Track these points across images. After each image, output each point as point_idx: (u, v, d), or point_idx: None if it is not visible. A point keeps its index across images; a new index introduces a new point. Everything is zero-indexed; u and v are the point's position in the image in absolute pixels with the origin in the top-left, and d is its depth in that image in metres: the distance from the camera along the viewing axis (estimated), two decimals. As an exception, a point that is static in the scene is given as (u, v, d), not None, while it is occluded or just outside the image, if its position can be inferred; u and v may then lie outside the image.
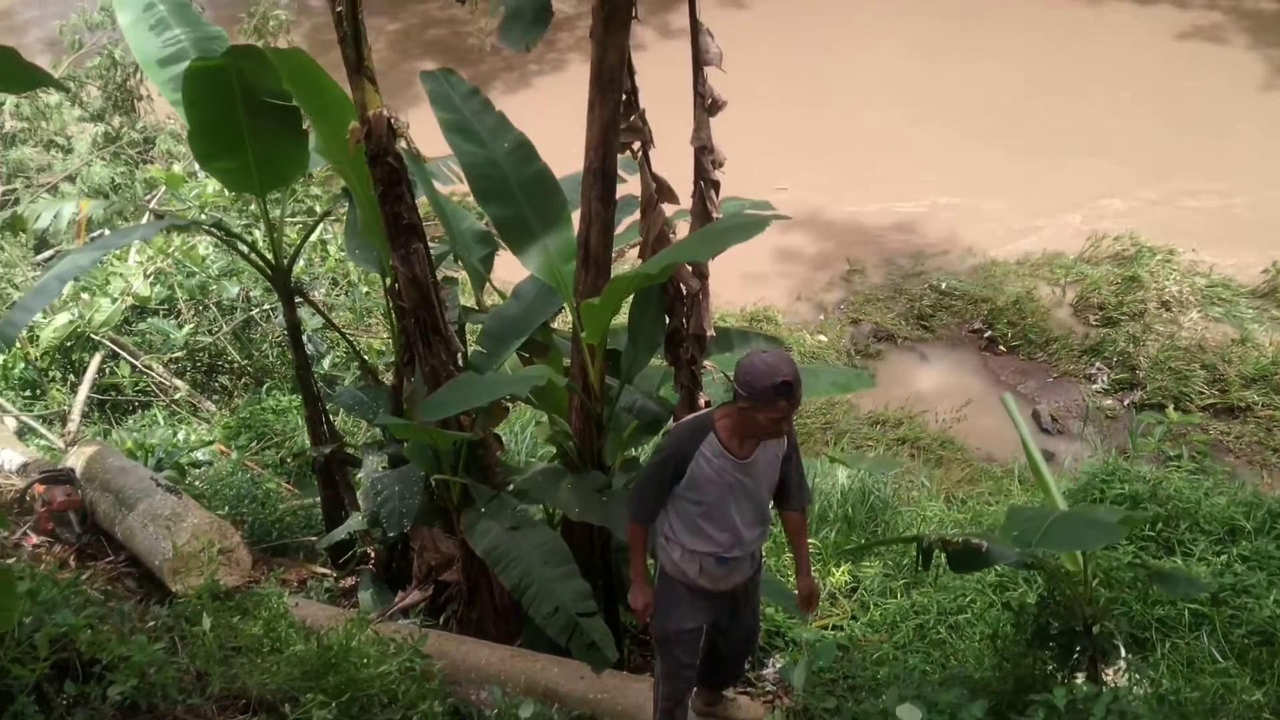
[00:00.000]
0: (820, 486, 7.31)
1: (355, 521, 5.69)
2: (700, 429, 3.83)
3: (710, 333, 4.58)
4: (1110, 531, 3.81)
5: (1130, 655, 5.38)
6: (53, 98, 10.94)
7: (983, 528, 6.99)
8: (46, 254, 9.64)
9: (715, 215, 4.37)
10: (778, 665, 5.51)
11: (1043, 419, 9.63)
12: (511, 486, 4.91)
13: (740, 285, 11.16)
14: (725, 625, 4.21)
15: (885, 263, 11.86)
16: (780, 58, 15.64)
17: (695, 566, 3.97)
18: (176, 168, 9.68)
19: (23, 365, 8.42)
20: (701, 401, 4.68)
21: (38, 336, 8.30)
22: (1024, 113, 13.94)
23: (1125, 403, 9.74)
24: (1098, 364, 10.15)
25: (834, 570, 6.56)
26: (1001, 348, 10.54)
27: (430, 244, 4.70)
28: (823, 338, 10.70)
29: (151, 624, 4.29)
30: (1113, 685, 4.66)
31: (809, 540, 6.63)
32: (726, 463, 3.79)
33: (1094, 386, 9.98)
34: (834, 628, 6.15)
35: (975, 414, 9.68)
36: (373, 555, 5.97)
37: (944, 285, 11.24)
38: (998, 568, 6.26)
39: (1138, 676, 5.07)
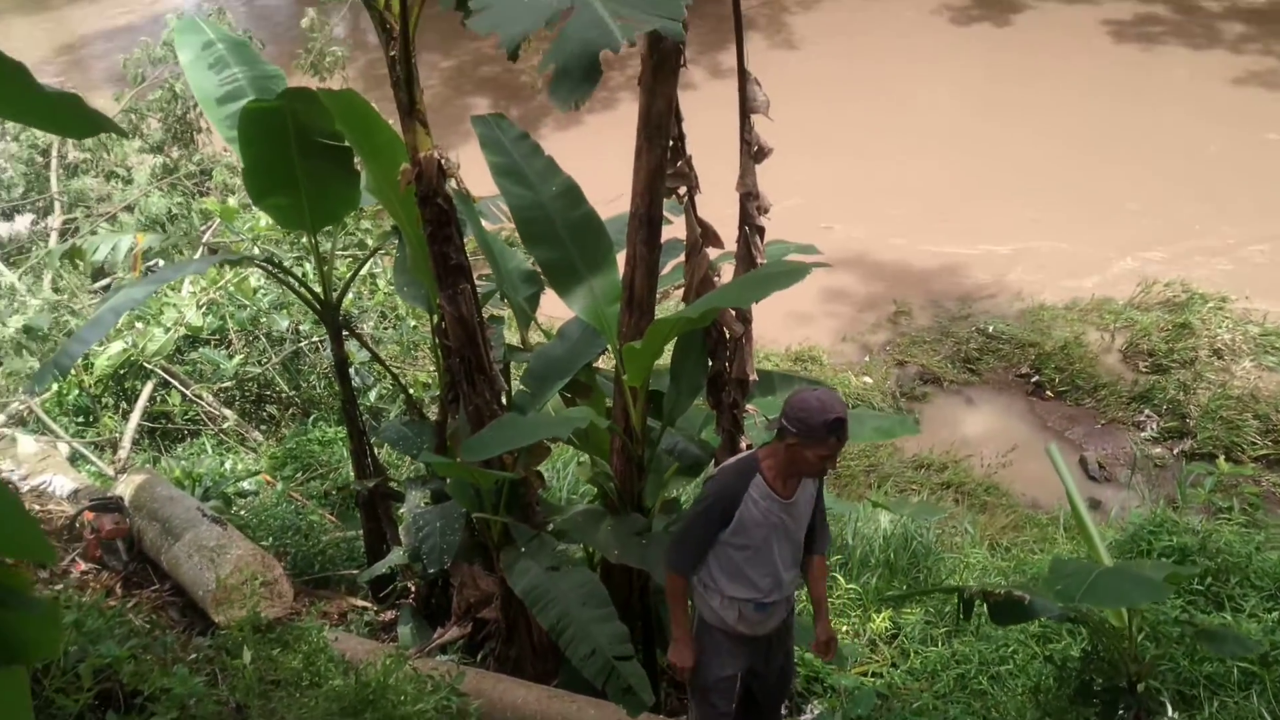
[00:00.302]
0: (863, 531, 7.26)
1: (396, 556, 5.73)
2: (746, 470, 3.84)
3: (753, 377, 4.58)
4: (1156, 588, 3.76)
5: (1177, 714, 5.28)
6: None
7: (1027, 577, 6.91)
8: (104, 282, 9.84)
9: (759, 261, 4.39)
10: (816, 712, 5.46)
11: (1090, 466, 9.50)
12: (551, 526, 4.93)
13: (786, 325, 11.15)
14: (760, 669, 4.20)
15: (932, 305, 11.80)
16: (831, 99, 15.71)
17: (734, 613, 3.98)
18: (231, 201, 9.85)
19: (77, 392, 8.58)
20: (743, 445, 4.68)
21: (92, 364, 8.45)
22: (1075, 158, 13.87)
23: (1175, 452, 9.58)
24: (1147, 411, 10.01)
25: (875, 616, 6.50)
26: (1049, 393, 10.43)
27: (477, 282, 4.75)
28: (868, 379, 10.65)
29: (193, 656, 4.33)
30: (1158, 744, 4.59)
31: (850, 585, 6.66)
32: (772, 504, 3.80)
33: (1143, 434, 9.84)
34: (873, 675, 6.09)
35: (1021, 459, 9.58)
36: (413, 590, 6.00)
37: (991, 329, 11.16)
38: (1042, 621, 6.19)
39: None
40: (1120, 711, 4.40)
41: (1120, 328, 10.96)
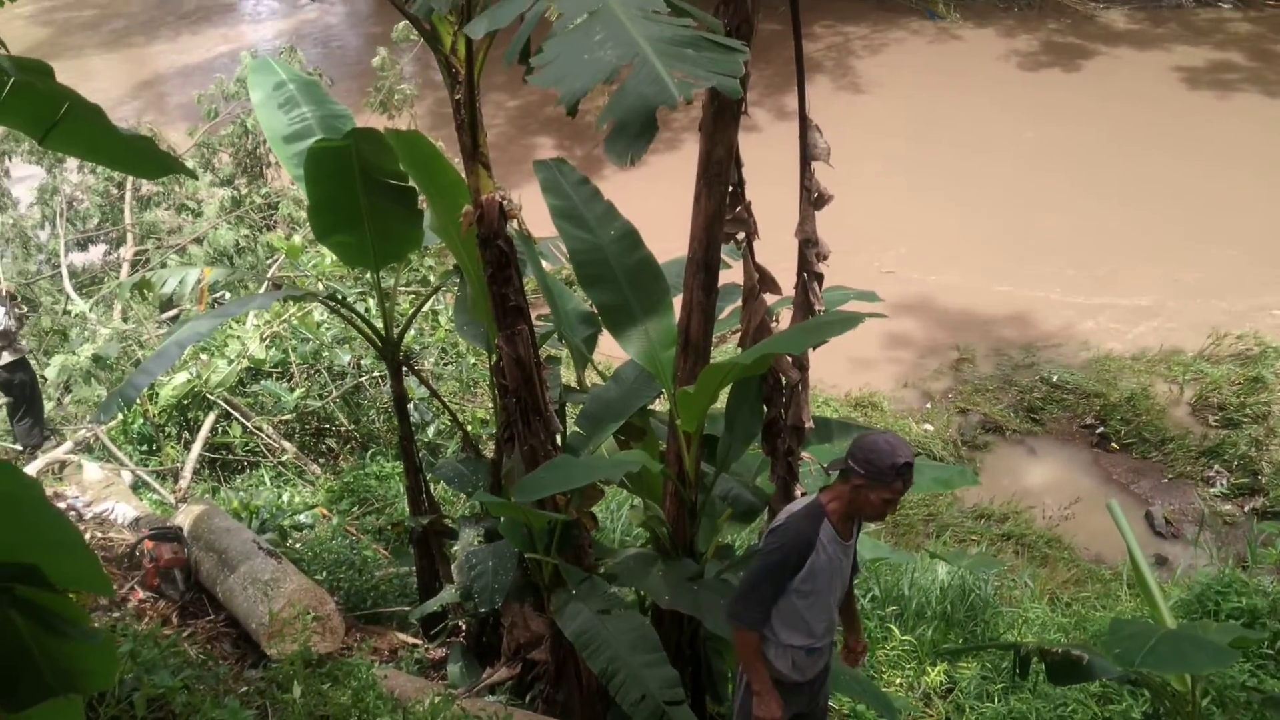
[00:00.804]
0: (919, 582, 7.15)
1: (448, 594, 5.73)
2: (816, 515, 3.82)
3: (808, 424, 4.53)
4: (1221, 654, 3.64)
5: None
6: (188, 164, 11.47)
7: (1087, 634, 6.75)
8: (171, 313, 10.04)
9: (818, 307, 4.35)
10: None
11: (1156, 521, 9.29)
12: (603, 569, 4.90)
13: (847, 370, 11.07)
14: (804, 712, 4.17)
15: (995, 352, 11.66)
16: (895, 144, 15.68)
17: (788, 662, 3.96)
18: (296, 237, 10.02)
19: (141, 421, 8.74)
20: (798, 492, 4.63)
21: (157, 394, 8.61)
22: (1143, 207, 13.70)
23: (1245, 509, 9.34)
24: (1216, 467, 9.78)
25: (929, 670, 6.39)
26: (1114, 445, 10.24)
27: (536, 322, 4.78)
28: (929, 426, 10.52)
29: (245, 688, 4.36)
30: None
31: (905, 637, 6.55)
32: (836, 547, 3.83)
33: (1212, 490, 9.61)
34: (927, 730, 5.98)
35: (1084, 513, 9.39)
36: (463, 628, 5.99)
37: (1055, 378, 10.99)
38: (1103, 684, 6.04)
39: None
40: (1183, 779, 4.27)
41: (1189, 380, 10.74)
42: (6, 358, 8.64)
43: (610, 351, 5.76)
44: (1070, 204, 13.91)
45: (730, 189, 4.21)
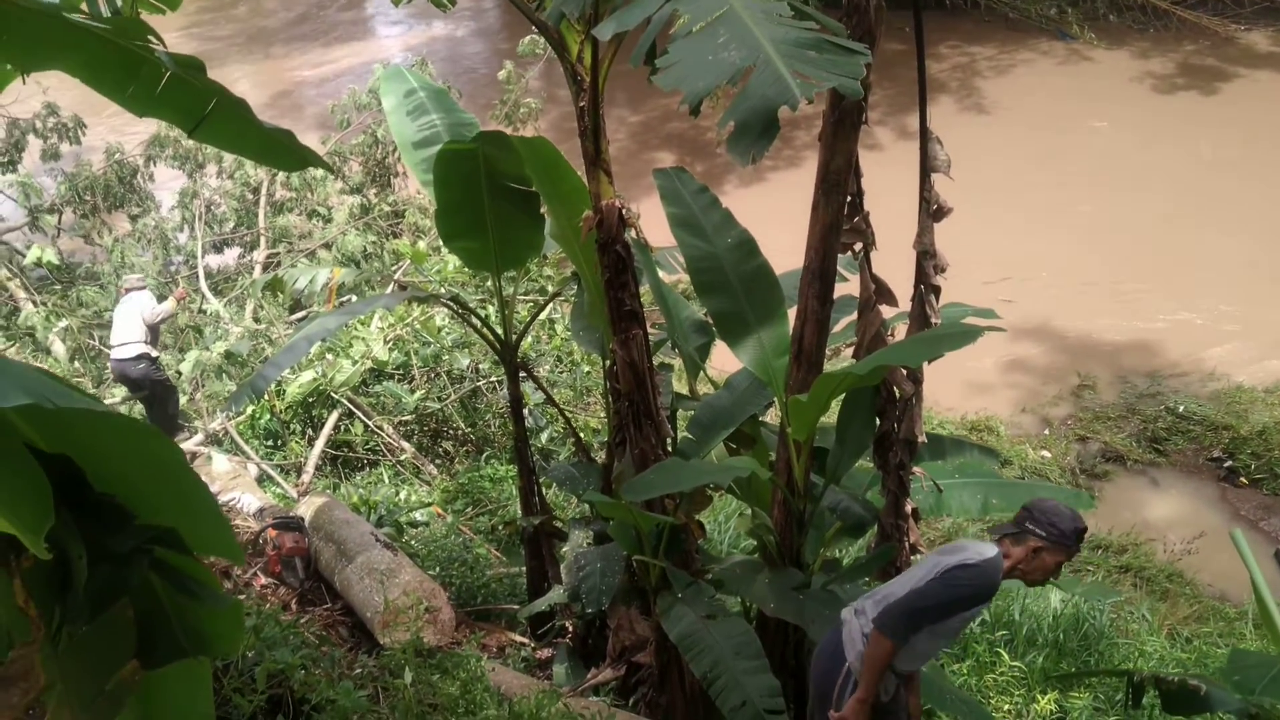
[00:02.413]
0: (1031, 608, 7.00)
1: (556, 594, 5.83)
2: (1000, 569, 3.77)
3: (921, 438, 4.50)
4: (1348, 688, 3.51)
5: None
6: (319, 171, 11.89)
7: (1207, 670, 6.53)
8: (300, 314, 10.40)
9: (934, 321, 4.33)
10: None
11: (1286, 560, 8.94)
12: (709, 575, 4.93)
13: (963, 393, 10.91)
14: None
15: (1118, 380, 11.35)
16: (1020, 166, 15.40)
17: (890, 686, 3.93)
18: (421, 244, 10.29)
19: (268, 417, 9.06)
20: (908, 508, 4.60)
21: (284, 391, 8.92)
22: (1278, 229, 13.21)
23: (1382, 551, 8.93)
24: (1352, 506, 9.37)
25: (1039, 697, 6.24)
26: (1243, 480, 9.87)
27: (650, 330, 4.84)
28: (1046, 453, 10.29)
29: (358, 672, 4.50)
30: None
31: (1014, 663, 6.42)
32: None
33: (1347, 531, 9.21)
34: (1035, 759, 5.85)
35: (1209, 548, 9.07)
36: (570, 629, 6.08)
37: (1181, 408, 10.64)
38: (1221, 717, 5.83)
39: None
40: (1304, 821, 4.10)
41: (1325, 414, 10.31)
42: (135, 351, 9.06)
43: (723, 366, 5.79)
44: (1199, 231, 13.48)
45: (849, 199, 4.22)
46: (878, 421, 4.61)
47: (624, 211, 4.52)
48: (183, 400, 9.67)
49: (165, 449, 2.11)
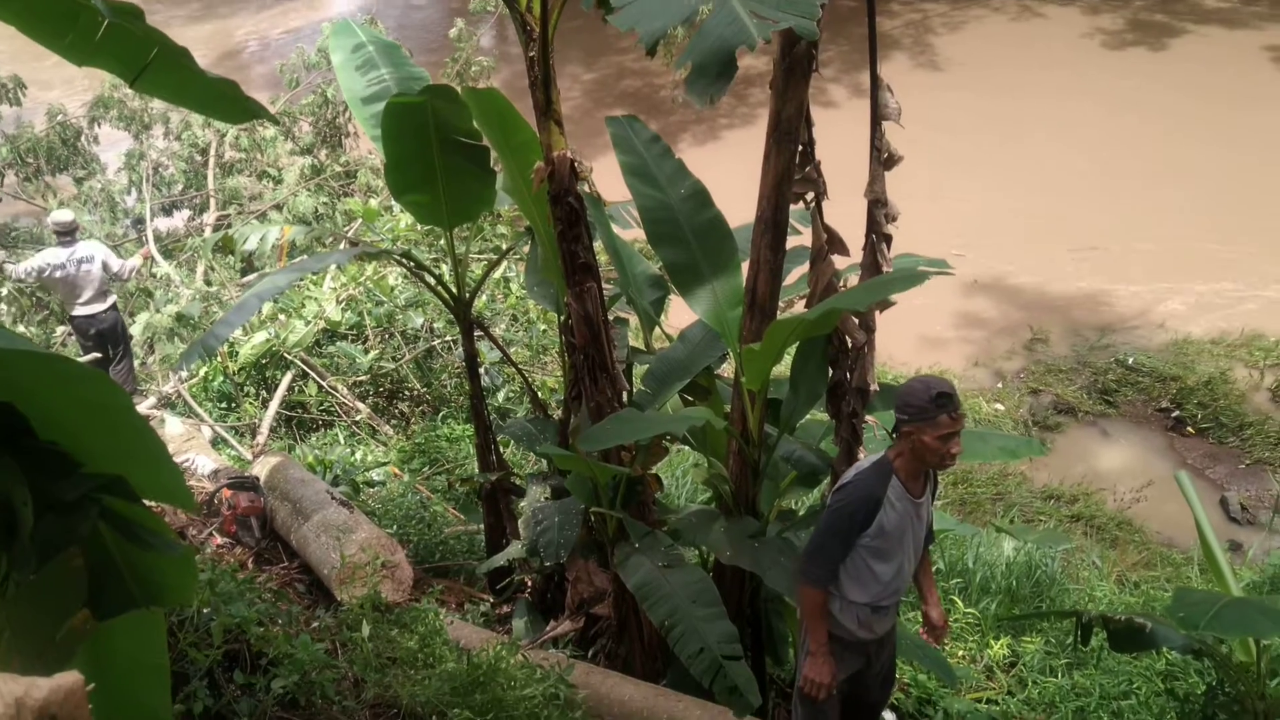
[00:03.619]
0: (984, 556, 7.12)
1: (515, 550, 5.83)
2: (884, 472, 3.82)
3: (874, 386, 4.54)
4: (1287, 622, 3.59)
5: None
6: (269, 131, 11.73)
7: (1154, 613, 6.68)
8: (251, 276, 10.28)
9: (886, 269, 4.35)
10: (925, 733, 5.38)
11: (1231, 507, 9.15)
12: (666, 526, 4.96)
13: (917, 348, 11.02)
14: (864, 672, 4.17)
15: (1070, 334, 11.52)
16: (973, 123, 15.48)
17: (854, 619, 3.96)
18: (373, 202, 10.19)
19: (221, 379, 8.98)
20: (860, 455, 4.64)
21: (237, 353, 8.84)
22: (1229, 189, 13.40)
23: (1325, 496, 9.15)
24: (1296, 453, 9.59)
25: (993, 643, 6.37)
26: (1190, 429, 10.08)
27: (605, 286, 4.83)
28: (999, 406, 10.44)
29: (315, 626, 4.50)
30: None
31: (969, 610, 6.53)
32: (907, 504, 3.81)
33: (1290, 476, 9.43)
34: (989, 701, 5.96)
35: (1157, 497, 9.26)
36: (529, 584, 6.10)
37: (1131, 360, 10.83)
38: (1167, 656, 5.98)
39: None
40: (1246, 752, 4.22)
41: (1271, 365, 10.53)
42: (111, 300, 8.96)
43: (679, 325, 5.80)
44: (1150, 186, 13.65)
45: (800, 148, 4.22)
46: (830, 371, 4.64)
47: (576, 163, 4.49)
48: (134, 364, 9.55)
49: (112, 394, 2.06)
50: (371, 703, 4.10)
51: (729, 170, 8.89)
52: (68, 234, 8.90)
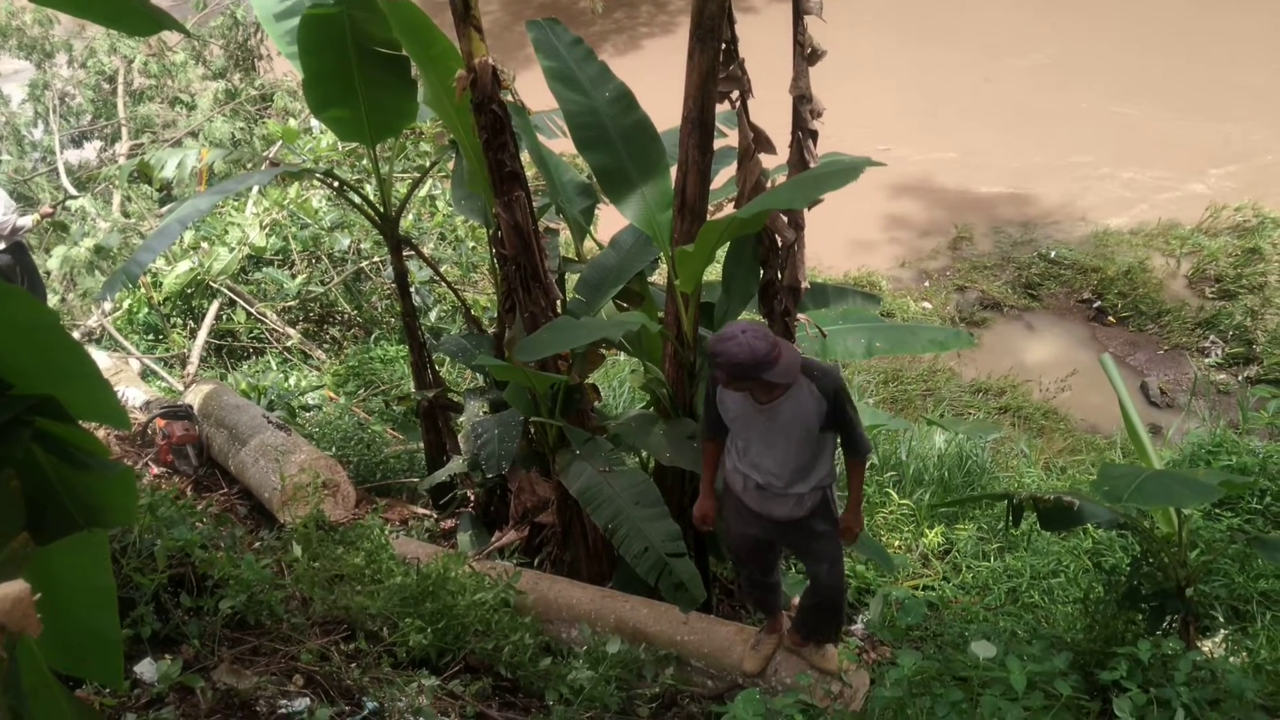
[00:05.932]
0: (916, 450, 7.28)
1: (456, 465, 5.85)
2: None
3: (804, 284, 4.59)
4: (1206, 491, 3.73)
5: (1230, 628, 5.28)
6: (179, 56, 11.35)
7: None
8: (170, 205, 10.02)
9: (813, 164, 4.37)
10: (865, 619, 5.54)
11: (1151, 391, 9.43)
12: (606, 432, 5.01)
13: (846, 251, 11.12)
14: (800, 559, 4.30)
15: (994, 230, 11.69)
16: (895, 21, 15.45)
17: (740, 482, 4.03)
18: (292, 123, 9.96)
19: (146, 310, 8.80)
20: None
21: (161, 283, 8.66)
22: (1144, 76, 13.59)
23: (1240, 378, 9.47)
24: (1212, 337, 9.90)
25: (927, 532, 6.55)
26: (1111, 319, 10.33)
27: (533, 197, 4.79)
28: (927, 304, 10.60)
29: (258, 545, 4.50)
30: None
31: (903, 501, 6.68)
32: (746, 404, 3.83)
33: (1207, 360, 9.73)
34: (925, 588, 6.15)
35: (1081, 386, 9.51)
36: (472, 498, 6.13)
37: (1053, 254, 11.04)
38: (1094, 535, 6.19)
39: (1234, 646, 4.97)
40: (1168, 619, 4.40)
41: (1187, 253, 10.81)
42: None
43: (608, 235, 5.77)
44: (1068, 82, 13.78)
45: (723, 46, 4.20)
46: (762, 270, 4.68)
47: (498, 70, 4.43)
48: (54, 299, 9.31)
49: (36, 313, 1.99)
50: (321, 618, 4.13)
51: (653, 78, 8.79)
52: None
